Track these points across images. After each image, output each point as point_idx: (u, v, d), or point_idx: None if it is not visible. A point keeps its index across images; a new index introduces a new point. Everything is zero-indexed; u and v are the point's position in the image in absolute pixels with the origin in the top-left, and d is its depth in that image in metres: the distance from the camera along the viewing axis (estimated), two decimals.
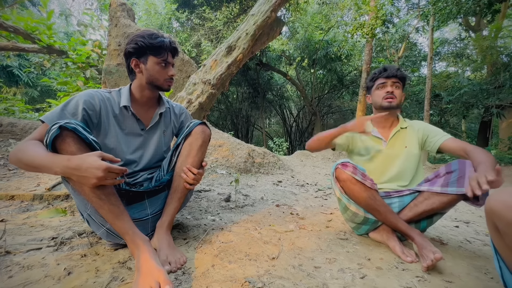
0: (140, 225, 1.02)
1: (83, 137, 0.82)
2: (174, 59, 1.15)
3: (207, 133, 1.13)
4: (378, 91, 1.37)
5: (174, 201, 1.08)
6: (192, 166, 1.07)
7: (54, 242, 1.07)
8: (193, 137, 1.10)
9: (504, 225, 0.67)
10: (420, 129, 1.38)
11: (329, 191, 2.58)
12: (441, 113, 9.41)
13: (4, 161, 2.49)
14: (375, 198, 1.16)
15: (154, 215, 1.09)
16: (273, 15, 2.86)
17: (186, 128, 1.14)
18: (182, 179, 1.07)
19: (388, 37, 9.82)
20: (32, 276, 0.82)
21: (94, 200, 0.84)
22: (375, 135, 1.41)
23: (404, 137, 1.39)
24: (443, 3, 5.92)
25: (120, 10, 3.69)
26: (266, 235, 1.26)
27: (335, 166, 1.20)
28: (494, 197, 0.71)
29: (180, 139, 1.13)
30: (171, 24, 9.84)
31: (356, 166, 1.17)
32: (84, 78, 3.99)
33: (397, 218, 1.17)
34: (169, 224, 1.06)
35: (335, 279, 0.91)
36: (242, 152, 3.40)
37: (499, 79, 7.62)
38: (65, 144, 0.79)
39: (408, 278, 0.94)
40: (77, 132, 0.81)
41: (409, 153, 1.35)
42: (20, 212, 1.48)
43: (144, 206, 1.08)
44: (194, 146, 1.09)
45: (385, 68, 1.36)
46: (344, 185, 1.18)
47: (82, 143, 0.82)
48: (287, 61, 12.00)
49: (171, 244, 0.99)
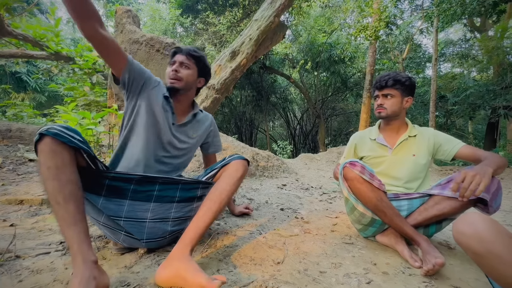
0: (135, 226, 0.98)
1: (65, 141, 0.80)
2: (181, 56, 1.22)
3: (246, 169, 1.13)
4: (375, 102, 1.45)
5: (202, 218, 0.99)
6: (227, 195, 1.04)
7: (62, 247, 1.09)
8: (233, 168, 1.10)
9: (471, 255, 0.67)
10: (431, 137, 1.37)
11: (334, 194, 2.57)
12: (447, 114, 9.28)
13: (13, 166, 2.54)
14: (382, 199, 1.15)
15: (153, 221, 1.02)
16: (276, 20, 2.89)
17: (229, 157, 1.15)
18: (212, 202, 1.01)
19: (392, 39, 9.78)
20: (41, 280, 0.83)
21: (51, 202, 0.78)
22: (380, 142, 1.43)
23: (412, 146, 1.39)
24: (447, 4, 5.88)
25: (125, 17, 3.76)
26: (271, 239, 1.26)
27: (343, 165, 1.20)
28: (456, 227, 0.70)
29: (220, 166, 1.15)
30: (175, 29, 9.98)
31: (364, 166, 1.17)
32: (91, 84, 4.06)
33: (403, 221, 1.16)
34: (191, 242, 0.92)
35: (341, 284, 0.90)
36: (246, 155, 3.41)
37: (506, 80, 7.51)
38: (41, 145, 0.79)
39: (415, 284, 0.93)
40: (58, 137, 0.79)
41: (416, 162, 1.35)
42: (29, 216, 1.51)
43: (147, 207, 1.01)
44: (234, 175, 1.08)
45: (378, 79, 1.41)
46: (352, 184, 1.18)
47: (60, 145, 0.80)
48: (291, 64, 12.03)
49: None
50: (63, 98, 4.69)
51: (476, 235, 0.64)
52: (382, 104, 1.38)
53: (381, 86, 1.38)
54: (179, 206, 1.07)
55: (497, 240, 0.61)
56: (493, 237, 0.62)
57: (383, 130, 1.49)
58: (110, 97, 3.60)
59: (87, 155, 0.87)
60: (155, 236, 1.04)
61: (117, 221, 0.95)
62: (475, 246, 0.64)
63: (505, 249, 0.60)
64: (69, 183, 0.79)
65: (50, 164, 0.78)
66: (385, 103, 1.37)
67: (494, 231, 0.63)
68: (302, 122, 14.67)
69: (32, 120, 4.98)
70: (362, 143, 1.51)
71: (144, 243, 1.02)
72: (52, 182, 0.77)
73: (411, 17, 9.68)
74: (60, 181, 0.78)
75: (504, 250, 0.60)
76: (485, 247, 0.62)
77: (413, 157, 1.36)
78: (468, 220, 0.67)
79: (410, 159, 1.37)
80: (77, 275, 0.72)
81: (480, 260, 0.64)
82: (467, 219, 0.68)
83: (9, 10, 4.06)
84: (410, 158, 1.37)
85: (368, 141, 1.49)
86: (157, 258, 1.03)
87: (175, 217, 1.06)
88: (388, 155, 1.41)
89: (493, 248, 0.61)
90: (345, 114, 15.12)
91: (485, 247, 0.62)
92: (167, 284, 0.82)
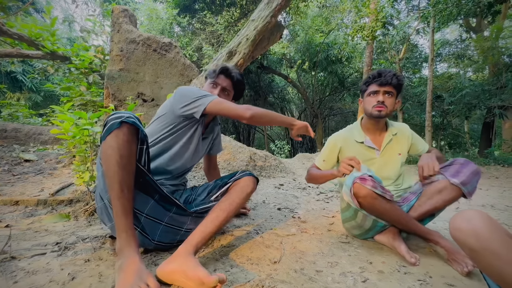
0: (152, 225, 1.01)
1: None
2: (225, 81, 1.31)
3: (256, 186, 1.18)
4: (370, 98, 1.34)
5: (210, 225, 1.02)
6: (236, 207, 1.08)
7: (58, 247, 1.08)
8: (245, 183, 1.14)
9: (467, 251, 0.67)
10: (410, 136, 1.44)
11: (330, 194, 2.58)
12: (443, 114, 9.35)
13: (9, 166, 2.52)
14: (396, 209, 1.14)
15: (168, 225, 1.06)
16: (273, 20, 2.89)
17: (240, 173, 1.19)
18: (221, 211, 1.04)
19: (389, 39, 9.82)
20: (37, 281, 0.83)
21: (115, 189, 0.82)
22: (368, 145, 1.39)
23: (397, 145, 1.41)
24: (443, 4, 5.92)
25: (122, 16, 3.74)
26: (268, 239, 1.26)
27: (353, 181, 1.10)
28: (452, 223, 0.71)
29: (232, 181, 1.17)
30: (172, 29, 9.93)
31: (373, 178, 1.10)
32: (87, 83, 4.03)
33: (416, 224, 1.18)
34: (196, 244, 0.95)
35: (337, 283, 0.91)
36: (243, 155, 3.41)
37: (501, 80, 7.59)
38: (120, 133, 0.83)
39: (410, 282, 0.94)
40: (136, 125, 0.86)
41: (401, 160, 1.41)
42: (25, 217, 1.50)
43: (166, 213, 1.05)
44: (244, 190, 1.12)
45: (380, 73, 1.30)
46: (364, 201, 1.10)
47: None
48: (288, 64, 12.04)
49: None
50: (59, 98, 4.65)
51: (472, 232, 0.64)
52: (384, 102, 1.28)
53: (385, 82, 1.27)
54: (194, 219, 1.11)
55: (493, 236, 0.62)
56: (489, 234, 0.62)
57: (367, 130, 1.42)
58: (106, 97, 3.57)
59: (140, 149, 0.91)
60: (165, 240, 1.07)
61: (138, 215, 0.98)
62: (471, 243, 0.64)
63: (501, 245, 0.60)
64: (132, 174, 0.85)
65: (123, 153, 0.82)
66: (385, 100, 1.29)
67: (491, 228, 0.63)
68: None
69: (28, 120, 4.93)
70: (347, 146, 1.42)
71: (154, 243, 1.05)
72: (122, 171, 0.82)
73: (408, 17, 9.73)
74: (128, 171, 0.84)
75: (500, 246, 0.60)
76: (481, 244, 0.62)
77: (399, 156, 1.39)
78: (465, 217, 0.68)
79: (397, 158, 1.39)
80: (136, 254, 0.82)
81: (476, 256, 0.64)
82: (464, 215, 0.68)
83: (3, 9, 4.01)
84: (396, 157, 1.39)
85: (354, 144, 1.42)
86: (154, 259, 1.03)
87: (188, 228, 1.10)
88: (376, 157, 1.39)
89: (489, 245, 0.61)
90: (343, 114, 15.17)
91: (481, 243, 0.62)
92: (168, 277, 0.84)
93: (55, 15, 4.58)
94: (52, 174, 2.43)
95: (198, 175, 2.67)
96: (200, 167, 2.76)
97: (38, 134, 3.52)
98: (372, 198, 1.08)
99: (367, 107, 1.36)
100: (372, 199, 1.08)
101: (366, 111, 1.37)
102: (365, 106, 1.38)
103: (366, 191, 1.07)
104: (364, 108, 1.40)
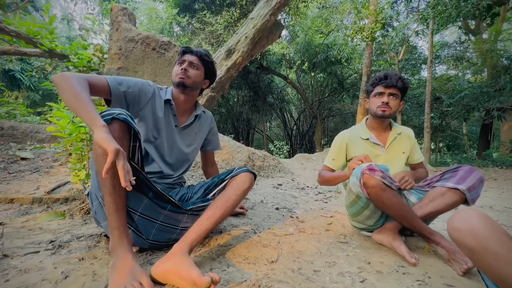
0: (146, 224, 1.00)
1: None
2: (191, 56, 1.24)
3: (253, 182, 1.16)
4: (375, 98, 1.41)
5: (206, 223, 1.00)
6: (233, 204, 1.06)
7: (52, 246, 1.06)
8: (242, 179, 1.12)
9: (465, 251, 0.67)
10: (412, 139, 1.48)
11: (329, 194, 2.57)
12: (442, 116, 9.36)
13: (5, 164, 2.49)
14: (404, 204, 1.14)
15: (163, 224, 1.04)
16: (272, 18, 2.88)
17: (237, 169, 1.17)
18: (218, 208, 1.02)
19: (388, 40, 9.83)
20: (29, 279, 0.81)
21: (107, 186, 0.83)
22: (373, 141, 1.45)
23: (401, 144, 1.46)
24: (443, 6, 5.93)
25: (121, 15, 3.72)
26: (266, 239, 1.25)
27: (362, 172, 1.11)
28: (450, 223, 0.70)
29: (230, 177, 1.16)
30: (172, 29, 9.91)
31: (381, 169, 1.12)
32: None
33: (421, 222, 1.17)
34: (191, 242, 0.94)
35: (335, 283, 0.90)
36: (242, 155, 3.40)
37: (500, 82, 7.61)
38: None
39: (408, 282, 0.93)
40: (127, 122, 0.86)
41: (405, 159, 1.46)
42: (19, 215, 1.48)
43: (161, 212, 1.03)
44: (241, 186, 1.11)
45: (386, 75, 1.36)
46: (372, 191, 1.11)
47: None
48: (288, 65, 12.03)
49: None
50: (57, 96, 4.62)
51: (471, 231, 0.64)
52: (388, 103, 1.36)
53: (391, 85, 1.34)
54: (190, 217, 1.09)
55: (492, 236, 0.61)
56: (488, 234, 0.62)
57: (372, 128, 1.49)
58: None
59: (133, 146, 0.91)
60: (161, 240, 1.06)
61: (132, 214, 0.97)
62: (470, 242, 0.63)
63: (499, 245, 0.60)
64: None
65: None
66: (390, 102, 1.36)
67: (489, 228, 0.62)
68: (299, 122, 14.68)
69: (25, 119, 4.90)
70: (354, 143, 1.48)
71: (149, 243, 1.03)
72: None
73: (407, 19, 9.76)
74: None
75: (499, 246, 0.60)
76: (479, 243, 0.62)
77: (403, 155, 1.44)
78: (463, 216, 0.67)
79: (401, 156, 1.44)
80: (128, 252, 0.83)
81: (475, 256, 0.64)
82: (462, 215, 0.68)
83: (2, 7, 3.99)
84: (401, 155, 1.44)
85: (360, 141, 1.48)
86: (149, 257, 1.02)
87: (184, 226, 1.08)
88: (381, 154, 1.44)
89: (488, 244, 0.61)
90: (342, 115, 15.18)
91: (479, 243, 0.62)
92: (162, 276, 0.83)
93: (54, 13, 4.56)
94: (49, 172, 2.41)
95: (196, 174, 2.66)
96: (198, 166, 2.74)
97: (35, 132, 3.50)
98: (380, 190, 1.09)
99: (372, 107, 1.43)
100: (380, 190, 1.09)
101: (371, 110, 1.44)
102: (370, 106, 1.45)
103: (375, 181, 1.08)
104: (369, 108, 1.46)
